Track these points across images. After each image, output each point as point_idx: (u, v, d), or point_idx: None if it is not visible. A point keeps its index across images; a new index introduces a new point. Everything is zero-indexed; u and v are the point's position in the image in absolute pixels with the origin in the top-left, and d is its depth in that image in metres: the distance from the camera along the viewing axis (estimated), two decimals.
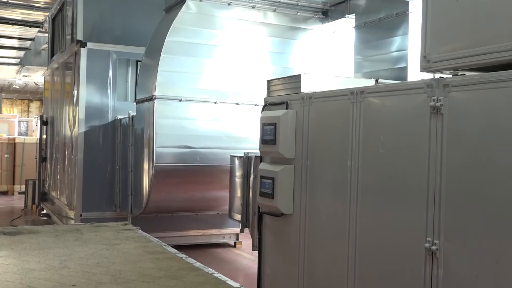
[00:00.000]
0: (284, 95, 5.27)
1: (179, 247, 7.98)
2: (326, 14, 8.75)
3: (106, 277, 3.10)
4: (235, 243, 9.50)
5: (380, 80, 4.40)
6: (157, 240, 4.00)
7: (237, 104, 8.07)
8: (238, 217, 6.72)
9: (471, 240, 3.20)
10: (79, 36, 9.33)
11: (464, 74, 3.51)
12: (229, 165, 7.39)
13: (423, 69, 3.72)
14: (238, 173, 6.86)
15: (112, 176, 9.40)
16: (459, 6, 3.44)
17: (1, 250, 3.75)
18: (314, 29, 8.86)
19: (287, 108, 5.04)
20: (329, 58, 8.97)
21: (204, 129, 8.08)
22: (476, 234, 3.17)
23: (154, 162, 7.72)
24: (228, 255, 9.03)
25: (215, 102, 8.03)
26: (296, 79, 5.06)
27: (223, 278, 3.10)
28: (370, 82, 4.42)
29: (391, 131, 3.90)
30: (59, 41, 11.52)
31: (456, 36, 3.48)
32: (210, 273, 3.07)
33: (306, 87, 4.94)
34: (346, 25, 8.49)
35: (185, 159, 7.95)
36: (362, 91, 4.15)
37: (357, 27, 7.64)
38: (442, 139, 3.42)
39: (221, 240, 9.59)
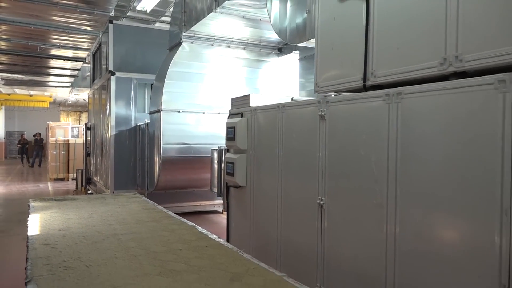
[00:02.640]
0: (240, 108, 5.31)
1: (181, 214, 8.37)
2: (281, 50, 9.04)
3: (115, 221, 3.45)
4: (222, 210, 9.62)
5: (294, 98, 4.63)
6: (153, 202, 4.39)
7: (218, 113, 8.32)
8: (215, 189, 6.95)
9: (341, 197, 3.42)
10: (110, 67, 9.55)
11: (341, 94, 3.69)
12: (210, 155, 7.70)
13: (315, 91, 3.85)
14: (215, 160, 7.08)
15: (134, 165, 9.57)
16: (333, 51, 3.63)
17: (52, 208, 4.05)
18: (272, 61, 9.12)
19: (242, 116, 5.13)
20: (282, 81, 9.15)
21: (196, 131, 8.31)
22: (344, 193, 3.39)
23: (161, 155, 8.02)
24: (215, 218, 9.24)
25: (203, 113, 8.35)
26: (247, 98, 5.15)
27: (184, 220, 3.49)
28: (289, 99, 4.60)
29: (299, 130, 4.02)
30: (98, 70, 11.64)
31: (332, 71, 3.65)
32: (178, 218, 3.54)
33: (253, 103, 5.03)
34: (294, 57, 8.94)
35: (183, 152, 8.20)
36: (283, 105, 4.29)
37: (300, 59, 7.89)
38: (325, 135, 3.60)
39: (212, 209, 9.73)
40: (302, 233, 3.97)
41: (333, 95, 3.78)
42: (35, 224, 3.34)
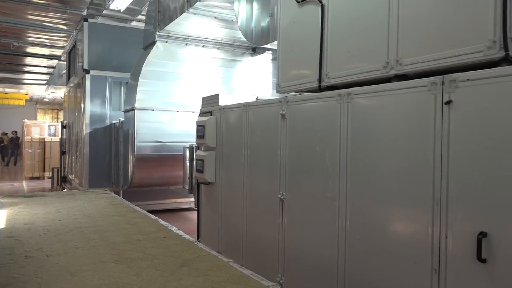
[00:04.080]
0: (210, 107, 5.42)
1: (156, 211, 8.42)
2: (254, 50, 9.15)
3: (81, 215, 3.55)
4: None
5: (259, 97, 4.73)
6: (121, 198, 4.51)
7: (193, 112, 8.37)
8: (187, 186, 7.01)
9: (300, 191, 3.57)
10: (85, 65, 9.51)
11: (301, 94, 3.80)
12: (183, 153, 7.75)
13: (277, 91, 4.01)
14: (187, 158, 7.14)
15: (109, 163, 9.58)
16: (293, 53, 3.79)
17: (21, 204, 4.11)
18: (246, 61, 9.23)
19: (211, 115, 5.24)
20: (256, 80, 9.28)
21: (170, 129, 8.35)
22: (302, 188, 3.53)
23: (135, 152, 8.08)
24: (190, 215, 9.24)
25: (177, 111, 8.40)
26: (216, 97, 5.24)
27: (148, 214, 3.59)
28: (254, 99, 4.71)
29: (263, 128, 4.13)
30: (73, 68, 11.55)
31: (292, 72, 3.80)
32: (142, 212, 3.67)
33: (222, 102, 5.13)
34: (267, 58, 9.09)
35: (157, 150, 8.27)
36: (248, 105, 4.41)
37: (273, 59, 8.06)
38: (286, 133, 3.74)
39: (187, 206, 9.72)
40: (266, 227, 4.11)
41: (294, 95, 3.90)
42: (1, 219, 3.42)
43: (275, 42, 4.26)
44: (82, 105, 9.71)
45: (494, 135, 2.11)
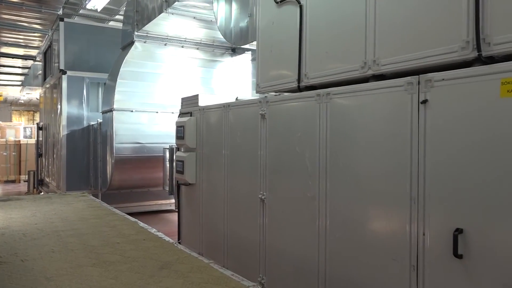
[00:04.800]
0: (189, 107, 5.40)
1: (137, 213, 8.31)
2: (234, 50, 9.12)
3: (58, 219, 3.47)
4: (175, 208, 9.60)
5: (239, 98, 4.74)
6: (99, 201, 4.45)
7: (172, 113, 8.26)
8: (167, 188, 6.97)
9: (280, 191, 3.59)
10: (62, 66, 9.33)
11: (281, 94, 3.83)
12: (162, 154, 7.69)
13: (257, 92, 4.02)
14: (167, 159, 7.10)
15: (87, 165, 9.45)
16: (272, 54, 3.80)
17: None
18: (226, 61, 9.20)
19: (191, 116, 5.22)
20: (236, 80, 9.24)
21: (149, 130, 8.26)
22: (282, 188, 3.56)
23: (114, 154, 7.96)
24: (171, 217, 9.06)
25: (157, 112, 8.31)
26: (196, 97, 5.22)
27: (127, 216, 3.54)
28: (233, 99, 4.72)
29: (243, 129, 4.16)
30: (49, 68, 11.32)
31: (272, 72, 3.82)
32: (121, 214, 3.63)
33: (202, 102, 5.12)
34: (247, 58, 9.11)
35: (136, 151, 8.16)
36: (228, 105, 4.41)
37: (253, 59, 8.19)
38: (266, 133, 3.75)
39: (168, 208, 9.55)
40: (246, 227, 4.12)
41: (273, 95, 3.94)
42: None
43: (255, 43, 4.26)
44: (59, 106, 9.55)
45: (469, 133, 2.16)
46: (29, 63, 14.88)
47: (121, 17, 10.29)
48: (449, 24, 2.37)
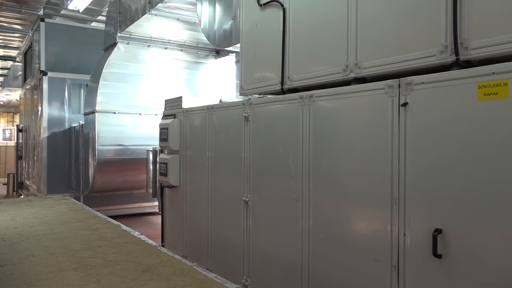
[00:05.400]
0: (173, 109, 5.37)
1: (120, 216, 8.21)
2: (218, 52, 9.12)
3: (38, 223, 3.41)
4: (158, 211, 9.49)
5: (222, 100, 4.71)
6: (81, 204, 4.40)
7: (156, 115, 8.24)
8: (150, 190, 6.90)
9: (264, 193, 3.59)
10: (42, 67, 9.23)
11: (264, 97, 3.80)
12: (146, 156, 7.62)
13: (240, 94, 4.02)
14: (150, 161, 7.05)
15: (69, 167, 9.32)
16: (256, 56, 3.82)
17: None
18: (210, 63, 9.21)
19: (174, 118, 5.20)
20: (221, 82, 9.26)
21: (133, 132, 8.22)
22: (266, 190, 3.56)
23: (96, 156, 7.88)
24: (154, 220, 9.06)
25: (140, 114, 8.28)
26: (179, 99, 5.19)
27: (110, 220, 3.55)
28: (217, 101, 4.69)
29: (227, 131, 4.14)
30: (30, 69, 11.16)
31: (255, 75, 3.82)
32: (103, 218, 3.59)
33: (185, 104, 5.10)
34: (231, 60, 9.07)
35: (119, 154, 8.10)
36: (212, 107, 4.40)
37: (237, 61, 8.08)
38: (249, 136, 3.75)
39: (151, 210, 9.51)
40: (230, 229, 4.11)
41: (257, 97, 3.96)
42: None
43: (238, 45, 4.26)
44: (39, 108, 9.43)
45: (447, 136, 2.21)
46: (9, 63, 14.60)
47: (104, 18, 10.21)
48: (428, 29, 2.42)
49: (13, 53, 13.16)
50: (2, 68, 15.70)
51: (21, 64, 13.34)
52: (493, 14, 2.13)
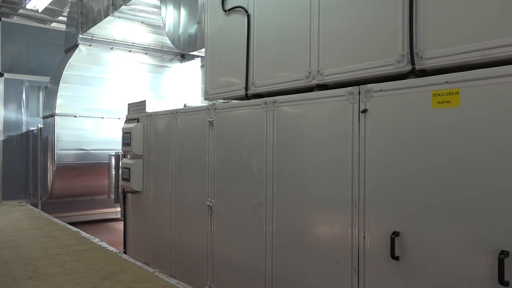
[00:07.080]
0: (136, 113, 5.32)
1: (80, 223, 7.98)
2: (183, 56, 9.08)
3: None
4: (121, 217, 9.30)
5: (187, 104, 4.70)
6: (38, 210, 4.28)
7: (119, 118, 8.10)
8: (112, 196, 6.74)
9: (228, 198, 3.60)
10: None
11: (229, 102, 3.81)
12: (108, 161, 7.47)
13: (205, 98, 4.02)
14: (112, 166, 6.91)
15: (26, 172, 9.04)
16: (220, 61, 3.82)
17: None
18: (175, 67, 9.13)
19: (138, 122, 5.14)
20: (186, 87, 9.19)
21: (94, 136, 8.02)
22: (230, 195, 3.57)
23: (55, 161, 7.63)
24: (117, 226, 8.83)
25: (102, 118, 8.09)
26: (143, 103, 5.16)
27: (69, 226, 3.46)
28: (182, 106, 4.70)
29: (191, 136, 4.13)
30: None
31: (220, 80, 3.83)
32: (62, 224, 3.48)
33: (149, 108, 5.06)
34: (196, 64, 9.11)
35: (79, 158, 7.89)
36: (176, 111, 4.40)
37: (202, 66, 8.07)
38: (214, 140, 3.77)
39: (114, 216, 9.33)
40: (194, 234, 4.10)
41: (222, 102, 3.96)
42: None
43: (203, 49, 4.25)
44: None
45: (404, 141, 2.29)
46: None
47: (65, 19, 9.92)
48: (387, 39, 2.51)
49: None
50: None
51: None
52: (446, 26, 2.23)
